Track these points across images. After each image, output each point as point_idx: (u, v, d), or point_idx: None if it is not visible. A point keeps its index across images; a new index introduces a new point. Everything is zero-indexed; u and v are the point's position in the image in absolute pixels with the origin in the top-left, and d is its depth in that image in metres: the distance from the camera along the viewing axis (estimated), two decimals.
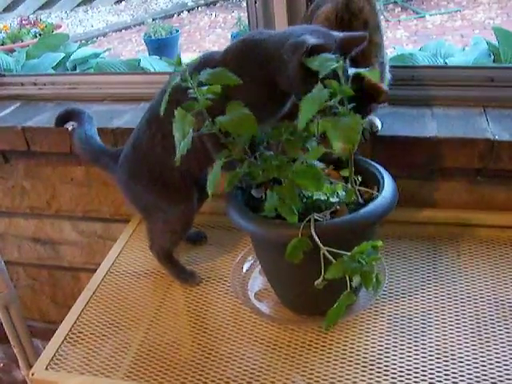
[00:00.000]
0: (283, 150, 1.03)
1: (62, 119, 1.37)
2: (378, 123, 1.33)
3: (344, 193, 1.02)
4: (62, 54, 2.50)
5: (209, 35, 5.99)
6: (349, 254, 0.91)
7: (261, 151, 1.02)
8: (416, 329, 1.10)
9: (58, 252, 1.77)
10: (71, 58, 2.59)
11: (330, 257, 0.92)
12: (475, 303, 1.15)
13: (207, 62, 1.08)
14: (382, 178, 1.09)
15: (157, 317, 1.21)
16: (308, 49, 0.96)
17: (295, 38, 1.02)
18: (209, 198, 0.97)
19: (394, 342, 1.07)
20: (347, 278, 0.92)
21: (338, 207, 1.03)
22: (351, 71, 0.91)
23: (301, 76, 0.99)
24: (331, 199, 1.01)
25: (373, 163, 1.14)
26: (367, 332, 1.10)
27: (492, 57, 2.04)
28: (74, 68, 2.59)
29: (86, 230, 1.69)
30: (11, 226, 1.77)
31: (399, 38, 4.86)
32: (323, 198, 1.01)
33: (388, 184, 1.06)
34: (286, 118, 1.11)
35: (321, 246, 0.93)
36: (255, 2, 1.45)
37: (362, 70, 0.91)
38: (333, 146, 0.84)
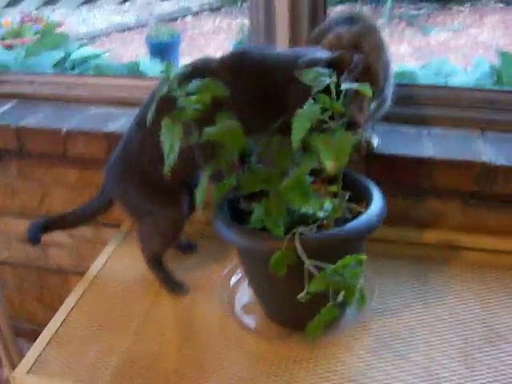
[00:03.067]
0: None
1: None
2: (375, 141, 1.32)
3: (332, 207, 1.02)
4: (62, 53, 2.49)
5: (212, 40, 5.99)
6: (332, 266, 0.91)
7: (250, 163, 1.02)
8: (402, 347, 1.09)
9: (47, 254, 1.75)
10: (71, 57, 2.57)
11: (314, 270, 0.92)
12: (464, 326, 1.14)
13: (201, 69, 1.08)
14: (371, 193, 1.08)
15: (143, 325, 1.19)
16: (326, 64, 0.96)
17: (305, 56, 1.02)
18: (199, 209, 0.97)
19: (379, 359, 1.07)
20: (331, 293, 0.92)
21: (324, 222, 1.02)
22: (344, 86, 0.91)
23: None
24: (318, 213, 1.00)
25: (363, 178, 1.13)
26: (353, 348, 1.09)
27: (494, 79, 2.04)
28: (73, 68, 2.58)
29: (76, 233, 1.68)
30: (1, 225, 1.76)
31: (402, 54, 4.86)
32: (310, 212, 1.00)
33: (376, 200, 1.05)
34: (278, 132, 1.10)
35: (304, 259, 0.92)
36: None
37: (354, 85, 0.90)
38: (323, 164, 0.84)
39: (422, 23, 5.85)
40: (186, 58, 4.49)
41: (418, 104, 1.47)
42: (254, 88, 1.04)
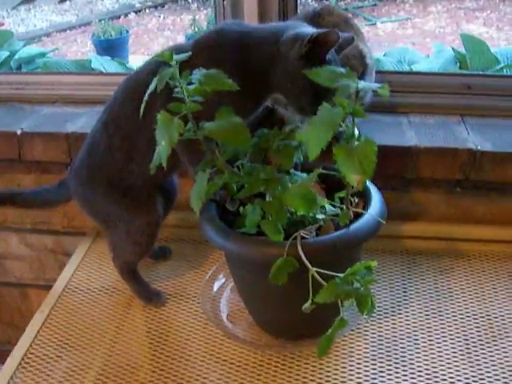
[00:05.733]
0: (267, 160, 0.95)
1: None
2: (355, 132, 1.25)
3: (331, 207, 0.94)
4: (7, 53, 2.35)
5: (157, 37, 5.86)
6: (341, 275, 0.83)
7: (242, 162, 0.93)
8: (403, 351, 1.03)
9: (4, 267, 1.62)
10: (16, 56, 2.43)
11: (320, 279, 0.84)
12: (462, 321, 1.09)
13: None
14: (369, 191, 1.01)
15: (116, 339, 1.11)
16: (312, 39, 0.90)
17: (290, 31, 0.95)
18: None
19: (380, 367, 1.00)
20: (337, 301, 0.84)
21: (322, 223, 0.95)
22: (361, 86, 0.82)
23: (302, 70, 0.91)
24: (317, 215, 0.92)
25: None
26: (351, 356, 1.02)
27: (458, 64, 2.00)
28: (19, 68, 2.43)
29: (36, 243, 1.56)
30: None
31: None
32: (310, 214, 0.92)
33: (375, 198, 0.99)
34: (262, 125, 1.02)
35: (309, 266, 0.84)
36: (223, 0, 1.36)
37: (374, 85, 0.83)
38: (347, 179, 0.75)
39: (368, 14, 5.87)
40: (133, 56, 4.36)
41: (394, 91, 1.40)
42: (234, 68, 0.94)
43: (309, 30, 0.95)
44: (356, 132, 1.23)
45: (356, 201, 0.96)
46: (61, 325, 1.15)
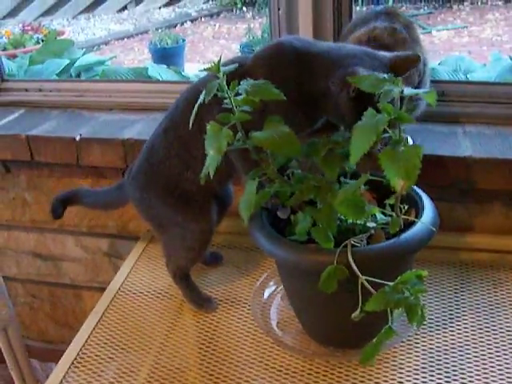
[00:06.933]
0: (313, 168, 0.95)
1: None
2: (410, 141, 1.24)
3: (382, 216, 0.93)
4: (67, 61, 2.42)
5: (213, 46, 5.94)
6: (391, 284, 0.82)
7: (292, 170, 0.93)
8: (453, 365, 1.01)
9: (60, 268, 1.67)
10: (76, 64, 2.51)
11: (370, 287, 0.83)
12: None
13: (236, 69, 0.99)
14: (421, 200, 1.00)
15: (166, 340, 1.13)
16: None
17: (345, 67, 0.93)
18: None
19: (430, 380, 0.98)
20: (387, 311, 0.84)
21: (373, 232, 0.94)
22: (406, 92, 0.82)
23: (352, 111, 0.91)
24: (368, 224, 0.92)
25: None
26: (401, 368, 1.01)
27: None
28: (79, 75, 2.51)
29: (91, 246, 1.60)
30: (10, 240, 1.68)
31: None
32: (360, 221, 0.92)
33: (428, 207, 0.98)
34: (316, 133, 1.03)
35: (359, 275, 0.84)
36: (278, 9, 1.37)
37: (420, 91, 0.82)
38: (391, 183, 0.75)
39: (423, 22, 5.82)
40: (188, 64, 4.43)
41: (450, 101, 1.39)
42: (288, 86, 0.94)
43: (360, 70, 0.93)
44: (409, 139, 1.24)
45: (406, 208, 0.94)
46: (113, 326, 1.17)
